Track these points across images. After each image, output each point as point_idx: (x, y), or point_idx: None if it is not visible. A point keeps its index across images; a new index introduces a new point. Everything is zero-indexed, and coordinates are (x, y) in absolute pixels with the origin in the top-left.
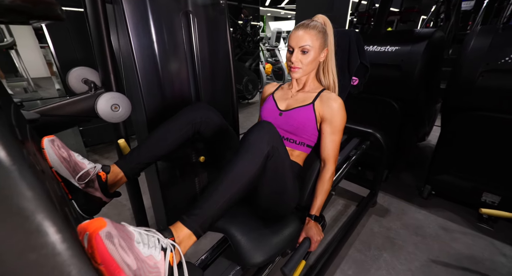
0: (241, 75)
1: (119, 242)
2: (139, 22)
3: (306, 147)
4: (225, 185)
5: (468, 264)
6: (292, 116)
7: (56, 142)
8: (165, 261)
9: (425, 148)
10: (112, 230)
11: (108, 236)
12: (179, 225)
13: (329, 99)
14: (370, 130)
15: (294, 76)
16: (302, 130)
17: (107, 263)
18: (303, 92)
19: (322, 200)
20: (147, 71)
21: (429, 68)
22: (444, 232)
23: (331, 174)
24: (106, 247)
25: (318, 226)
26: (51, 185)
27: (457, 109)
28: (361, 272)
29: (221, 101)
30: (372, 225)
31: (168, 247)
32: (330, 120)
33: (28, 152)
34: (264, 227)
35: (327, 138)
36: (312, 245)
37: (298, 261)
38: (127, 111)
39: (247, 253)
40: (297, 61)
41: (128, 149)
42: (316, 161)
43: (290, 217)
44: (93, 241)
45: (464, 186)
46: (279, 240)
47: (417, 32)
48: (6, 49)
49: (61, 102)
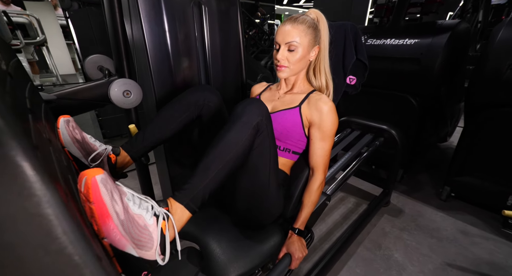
0: (256, 72)
1: (111, 190)
2: (152, 10)
3: (292, 154)
4: (214, 158)
5: (488, 270)
6: (276, 119)
7: (71, 123)
8: (158, 227)
9: (447, 150)
10: (108, 179)
11: (103, 181)
12: (171, 200)
13: (317, 102)
14: (384, 127)
15: (281, 75)
16: (286, 136)
17: (98, 203)
18: (291, 94)
19: (308, 212)
20: (159, 60)
21: (452, 62)
22: (463, 236)
23: (319, 184)
24: (99, 189)
25: (302, 241)
26: (57, 154)
27: (482, 105)
28: (369, 271)
29: (231, 93)
30: (383, 225)
31: (161, 215)
32: (318, 124)
33: (37, 125)
34: (243, 238)
35: (316, 144)
36: (293, 262)
37: None
38: (139, 98)
39: (220, 267)
40: (283, 59)
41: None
42: (304, 169)
43: (272, 228)
44: (89, 182)
45: (487, 189)
46: (258, 253)
47: (439, 23)
48: (38, 46)
49: (77, 87)
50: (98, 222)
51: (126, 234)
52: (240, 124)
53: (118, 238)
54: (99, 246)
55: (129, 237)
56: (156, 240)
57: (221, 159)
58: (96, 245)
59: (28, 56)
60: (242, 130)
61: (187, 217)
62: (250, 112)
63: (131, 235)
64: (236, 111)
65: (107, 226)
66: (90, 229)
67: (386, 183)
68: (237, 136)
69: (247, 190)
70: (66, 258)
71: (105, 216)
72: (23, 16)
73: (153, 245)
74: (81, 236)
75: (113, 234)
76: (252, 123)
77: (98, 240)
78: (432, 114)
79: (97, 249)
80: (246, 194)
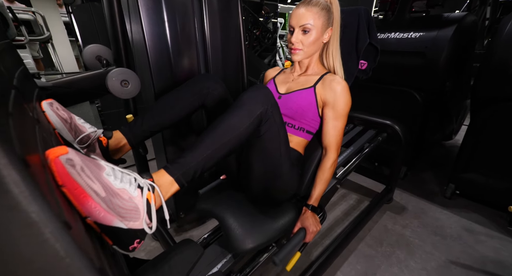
0: (259, 70)
1: (82, 168)
2: (150, 0)
3: (306, 133)
4: (212, 137)
5: (494, 268)
6: (291, 99)
7: (55, 105)
8: (143, 198)
9: (452, 148)
10: (74, 157)
11: (69, 161)
12: (161, 171)
13: (332, 82)
14: (388, 122)
15: (295, 58)
16: (301, 115)
17: (70, 185)
18: (305, 75)
19: (321, 189)
20: (157, 51)
21: (458, 56)
22: (468, 234)
23: (332, 163)
24: (66, 170)
25: (315, 217)
26: (44, 134)
27: (488, 100)
28: (370, 267)
29: (231, 83)
30: (385, 222)
31: (145, 186)
32: (332, 104)
33: (22, 102)
34: (258, 214)
35: (329, 123)
36: (308, 235)
37: (291, 251)
38: (137, 88)
39: (238, 239)
40: (297, 42)
41: None
42: (318, 149)
43: (287, 205)
44: (52, 164)
45: (493, 186)
46: (273, 227)
47: (445, 16)
48: (43, 43)
49: (74, 76)
50: (75, 204)
51: (111, 209)
52: (243, 111)
53: (102, 215)
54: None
55: (114, 212)
56: (143, 210)
57: (219, 140)
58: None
59: (34, 53)
60: (244, 118)
61: (175, 190)
62: (255, 101)
63: (116, 210)
64: (242, 98)
65: (87, 205)
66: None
67: (388, 179)
68: (238, 121)
69: (261, 172)
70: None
71: (82, 196)
72: (29, 13)
73: (140, 215)
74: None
75: (95, 212)
76: (255, 112)
77: (80, 219)
78: (437, 110)
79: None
80: (260, 175)
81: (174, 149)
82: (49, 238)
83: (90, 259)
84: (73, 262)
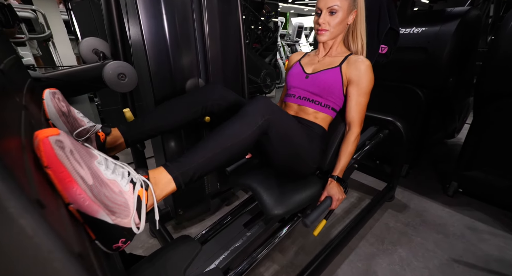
0: (260, 69)
1: (71, 152)
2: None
3: (331, 110)
4: (215, 141)
5: (498, 267)
6: (318, 78)
7: (57, 95)
8: (134, 194)
9: (454, 146)
10: (65, 140)
11: (58, 143)
12: (160, 169)
13: (356, 62)
14: (389, 118)
15: (321, 39)
16: (328, 92)
17: (55, 167)
18: (330, 57)
19: (345, 162)
20: (156, 46)
21: (461, 51)
22: (471, 232)
23: (355, 137)
24: (54, 151)
25: (340, 187)
26: (32, 121)
27: (492, 95)
28: (371, 265)
29: (231, 83)
30: (387, 220)
31: (138, 182)
32: (357, 82)
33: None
34: (286, 185)
35: (353, 100)
36: (334, 203)
37: (319, 215)
38: (133, 81)
39: (270, 206)
40: (324, 23)
41: (133, 118)
42: (340, 126)
43: (312, 178)
44: (40, 144)
45: (498, 184)
46: (300, 197)
47: (448, 11)
48: (44, 41)
49: (70, 69)
50: (59, 187)
51: (97, 200)
52: (245, 121)
53: (87, 204)
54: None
55: (100, 203)
56: (133, 207)
57: (221, 144)
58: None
59: (34, 51)
60: (245, 127)
61: (171, 190)
62: (257, 113)
63: (103, 201)
64: (245, 109)
65: (71, 191)
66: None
67: (390, 177)
68: (240, 130)
69: (283, 159)
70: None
71: (67, 181)
72: (29, 11)
73: (129, 212)
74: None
75: (80, 199)
76: (257, 123)
77: (64, 206)
78: (439, 108)
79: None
80: (282, 162)
81: (174, 148)
82: (12, 213)
83: (66, 243)
84: (43, 242)
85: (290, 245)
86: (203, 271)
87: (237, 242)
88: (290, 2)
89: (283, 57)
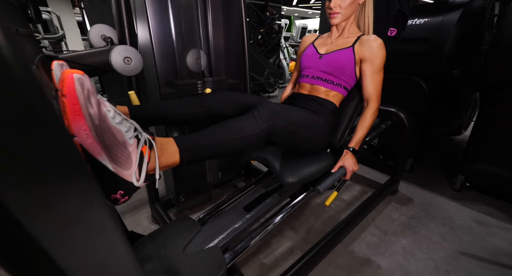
0: (263, 68)
1: (88, 92)
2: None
3: (343, 89)
4: (223, 130)
5: (509, 260)
6: (332, 57)
7: (65, 67)
8: (138, 149)
9: (461, 143)
10: (86, 82)
11: (80, 80)
12: (170, 139)
13: (368, 40)
14: (392, 109)
15: (334, 22)
16: (341, 71)
17: (71, 98)
18: (342, 38)
19: (362, 134)
20: (161, 40)
21: (466, 42)
22: (479, 225)
23: (374, 111)
24: (74, 85)
25: (355, 158)
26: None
27: (498, 85)
28: (373, 255)
29: (234, 81)
30: (390, 212)
31: (142, 139)
32: (371, 59)
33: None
34: (300, 159)
35: (369, 77)
36: (347, 173)
37: (333, 182)
38: (139, 65)
39: (284, 173)
40: (335, 7)
41: (137, 102)
42: (351, 104)
43: (323, 154)
44: (65, 77)
45: (506, 177)
46: (313, 168)
47: (451, 1)
48: (57, 41)
49: (80, 52)
50: (69, 116)
51: (100, 141)
52: (252, 122)
53: (90, 142)
54: None
55: (103, 146)
56: (135, 162)
57: (229, 134)
58: None
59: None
60: (252, 126)
61: (174, 161)
62: (264, 116)
63: (106, 145)
64: (253, 111)
65: (78, 124)
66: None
67: (393, 169)
68: (247, 127)
69: (292, 142)
70: None
71: (77, 114)
72: (45, 13)
73: (131, 165)
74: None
75: (83, 134)
76: (262, 126)
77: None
78: (444, 101)
79: None
80: (292, 144)
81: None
82: None
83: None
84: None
85: (291, 232)
86: (202, 248)
87: (237, 223)
88: (294, 5)
89: (287, 58)
